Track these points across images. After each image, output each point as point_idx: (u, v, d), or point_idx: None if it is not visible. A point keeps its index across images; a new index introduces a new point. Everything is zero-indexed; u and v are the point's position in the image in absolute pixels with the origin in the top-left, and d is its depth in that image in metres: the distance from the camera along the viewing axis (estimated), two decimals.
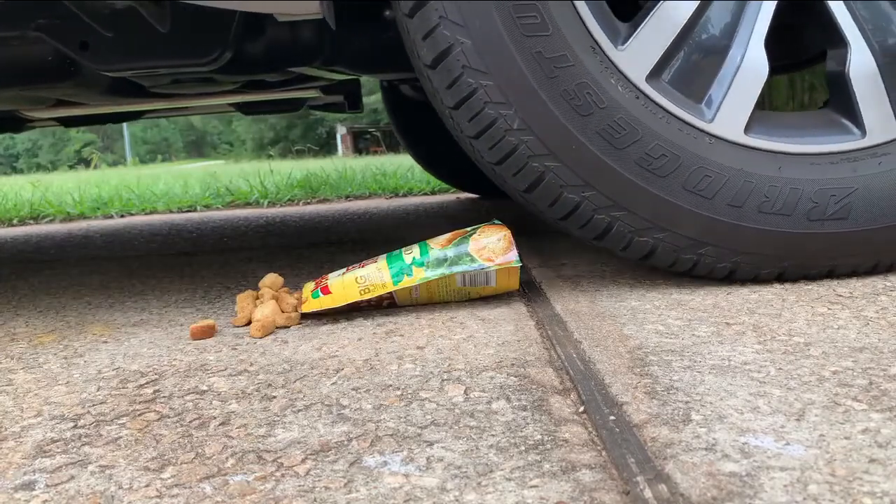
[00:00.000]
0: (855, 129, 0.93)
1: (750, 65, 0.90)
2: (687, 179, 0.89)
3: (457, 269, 0.90)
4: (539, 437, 0.54)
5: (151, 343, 0.87)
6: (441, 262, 0.90)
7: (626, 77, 0.89)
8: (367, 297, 0.89)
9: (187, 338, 0.88)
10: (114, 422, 0.62)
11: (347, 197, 3.21)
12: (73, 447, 0.57)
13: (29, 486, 0.51)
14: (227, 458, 0.54)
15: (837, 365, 0.64)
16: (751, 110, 0.91)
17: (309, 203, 3.15)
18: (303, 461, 0.52)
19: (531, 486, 0.46)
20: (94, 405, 0.67)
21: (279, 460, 0.53)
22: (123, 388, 0.71)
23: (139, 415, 0.63)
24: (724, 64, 0.91)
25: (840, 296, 0.87)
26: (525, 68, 0.86)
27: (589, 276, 1.08)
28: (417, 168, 3.88)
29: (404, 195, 3.18)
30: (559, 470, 0.48)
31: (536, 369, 0.68)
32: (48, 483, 0.51)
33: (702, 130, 0.90)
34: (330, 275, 0.94)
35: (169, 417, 0.62)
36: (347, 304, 0.89)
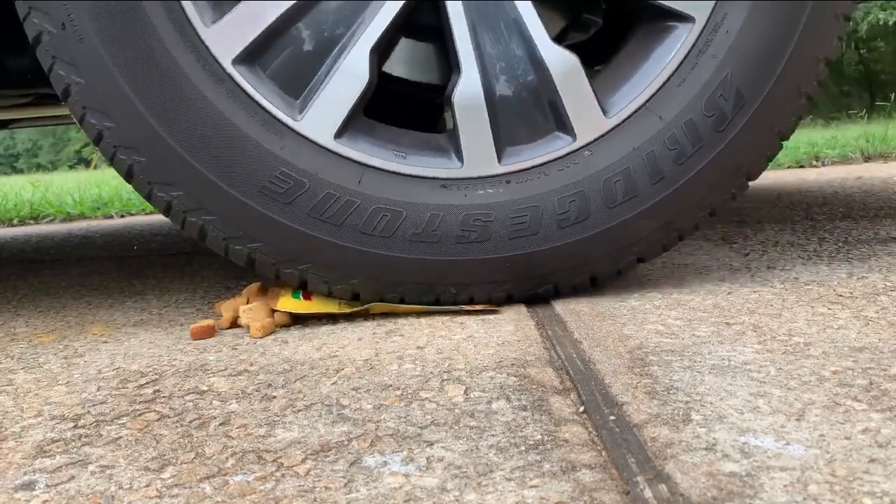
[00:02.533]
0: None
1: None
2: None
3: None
4: (539, 437, 0.54)
5: (151, 343, 0.87)
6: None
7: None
8: (344, 310, 0.90)
9: (187, 338, 0.88)
10: (114, 422, 0.62)
11: None
12: (74, 447, 0.57)
13: (29, 486, 0.51)
14: (227, 458, 0.54)
15: (837, 365, 0.64)
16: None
17: None
18: (303, 461, 0.52)
19: (531, 486, 0.46)
20: (94, 405, 0.67)
21: (279, 460, 0.53)
22: (123, 388, 0.71)
23: (139, 415, 0.63)
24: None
25: (840, 296, 0.87)
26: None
27: None
28: None
29: None
30: (559, 470, 0.48)
31: (536, 369, 0.68)
32: (48, 483, 0.51)
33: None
34: None
35: (169, 417, 0.62)
36: (322, 313, 0.90)
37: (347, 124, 0.87)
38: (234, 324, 0.91)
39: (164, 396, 0.68)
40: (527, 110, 0.90)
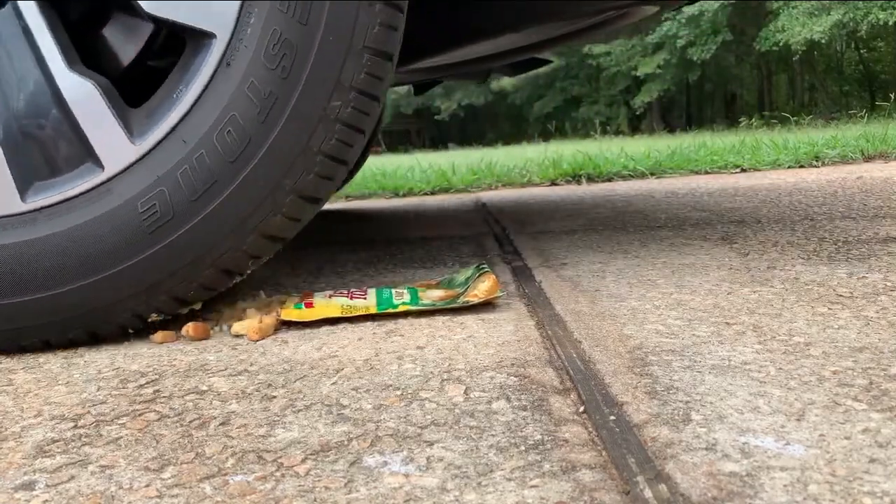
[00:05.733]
0: None
1: None
2: None
3: (443, 306, 0.92)
4: (539, 436, 0.54)
5: (151, 343, 0.87)
6: (428, 306, 0.92)
7: None
8: (346, 314, 0.90)
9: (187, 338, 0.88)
10: (114, 422, 0.62)
11: (347, 197, 3.20)
12: (74, 447, 0.57)
13: (29, 486, 0.51)
14: (227, 458, 0.54)
15: (838, 365, 0.64)
16: None
17: None
18: (303, 461, 0.52)
19: (531, 486, 0.46)
20: (94, 405, 0.67)
21: (279, 460, 0.53)
22: (123, 387, 0.71)
23: (139, 415, 0.63)
24: None
25: (840, 296, 0.87)
26: None
27: (589, 276, 1.08)
28: (417, 168, 3.88)
29: (404, 195, 3.17)
30: (559, 470, 0.48)
31: (536, 369, 0.68)
32: (48, 483, 0.51)
33: None
34: (316, 294, 0.95)
35: (169, 417, 0.62)
36: (326, 318, 0.90)
37: None
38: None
39: (164, 396, 0.68)
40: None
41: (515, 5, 1.28)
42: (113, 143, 0.83)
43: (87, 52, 0.89)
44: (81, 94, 0.83)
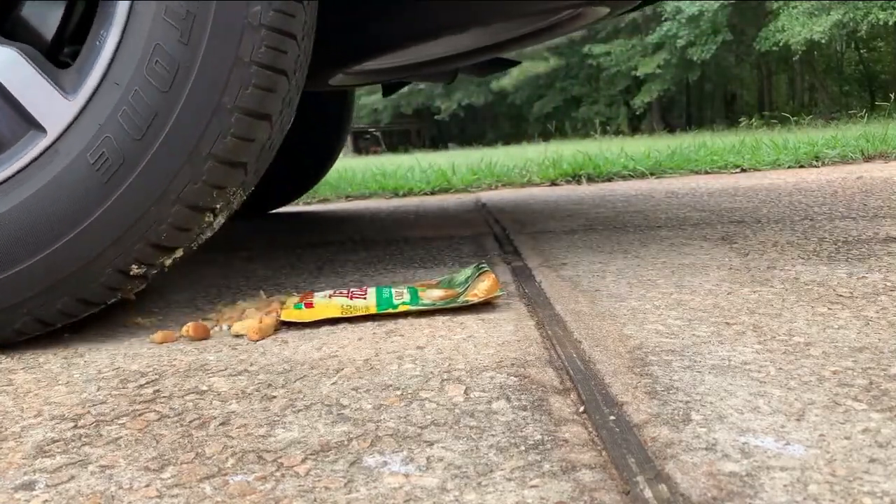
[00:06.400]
0: None
1: None
2: None
3: (443, 305, 0.92)
4: (539, 436, 0.54)
5: (151, 343, 0.87)
6: (428, 306, 0.92)
7: None
8: (346, 314, 0.90)
9: (185, 337, 0.88)
10: (114, 422, 0.62)
11: (347, 197, 3.21)
12: (74, 447, 0.57)
13: (29, 486, 0.51)
14: (227, 458, 0.54)
15: (838, 365, 0.64)
16: None
17: (309, 203, 3.15)
18: (303, 461, 0.52)
19: (531, 486, 0.46)
20: (94, 405, 0.67)
21: (279, 460, 0.53)
22: (123, 387, 0.71)
23: (139, 415, 0.63)
24: None
25: (840, 296, 0.87)
26: None
27: (589, 276, 1.08)
28: (417, 168, 3.88)
29: (404, 195, 3.17)
30: (559, 470, 0.48)
31: (536, 369, 0.68)
32: (48, 483, 0.51)
33: None
34: (316, 294, 0.95)
35: (169, 417, 0.62)
36: (326, 318, 0.90)
37: None
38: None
39: (164, 396, 0.68)
40: None
41: (455, 6, 1.28)
42: (50, 105, 0.83)
43: (9, 33, 0.89)
44: (4, 61, 0.83)
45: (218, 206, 0.88)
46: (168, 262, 0.89)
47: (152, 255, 0.87)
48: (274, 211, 2.78)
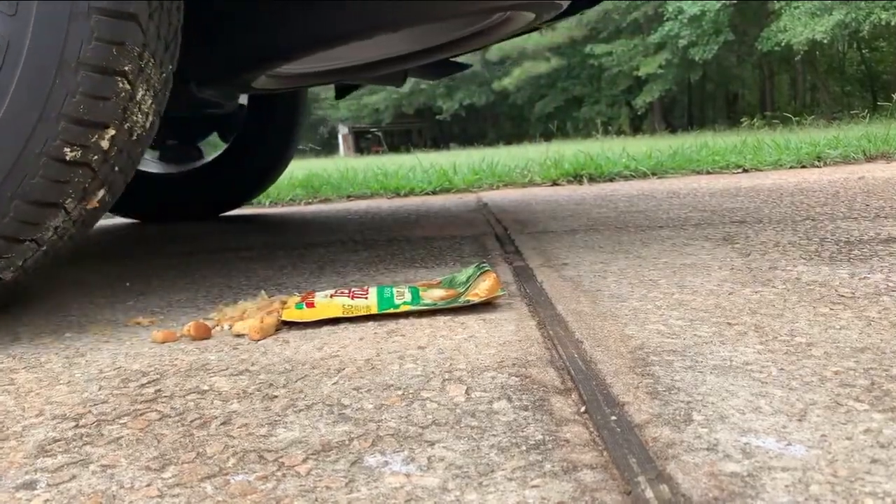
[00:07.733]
0: None
1: None
2: None
3: (444, 305, 0.93)
4: (540, 437, 0.54)
5: (153, 342, 0.87)
6: (430, 306, 0.92)
7: None
8: (348, 314, 0.90)
9: (187, 337, 0.88)
10: (115, 421, 0.62)
11: (349, 197, 3.21)
12: (75, 447, 0.57)
13: (30, 485, 0.51)
14: (228, 457, 0.54)
15: (839, 365, 0.64)
16: None
17: (310, 203, 3.15)
18: (304, 461, 0.52)
19: (532, 486, 0.46)
20: (95, 405, 0.67)
21: (280, 460, 0.53)
22: (125, 387, 0.71)
23: (140, 414, 0.63)
24: None
25: (842, 296, 0.87)
26: None
27: (590, 276, 1.08)
28: (419, 168, 3.88)
29: (406, 195, 3.17)
30: (560, 470, 0.48)
31: (538, 369, 0.68)
32: (49, 482, 0.51)
33: None
34: (317, 293, 0.95)
35: (170, 417, 0.62)
36: (327, 318, 0.90)
37: None
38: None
39: (166, 396, 0.68)
40: None
41: (370, 7, 1.28)
42: None
43: None
44: None
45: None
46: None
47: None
48: (225, 214, 2.75)
